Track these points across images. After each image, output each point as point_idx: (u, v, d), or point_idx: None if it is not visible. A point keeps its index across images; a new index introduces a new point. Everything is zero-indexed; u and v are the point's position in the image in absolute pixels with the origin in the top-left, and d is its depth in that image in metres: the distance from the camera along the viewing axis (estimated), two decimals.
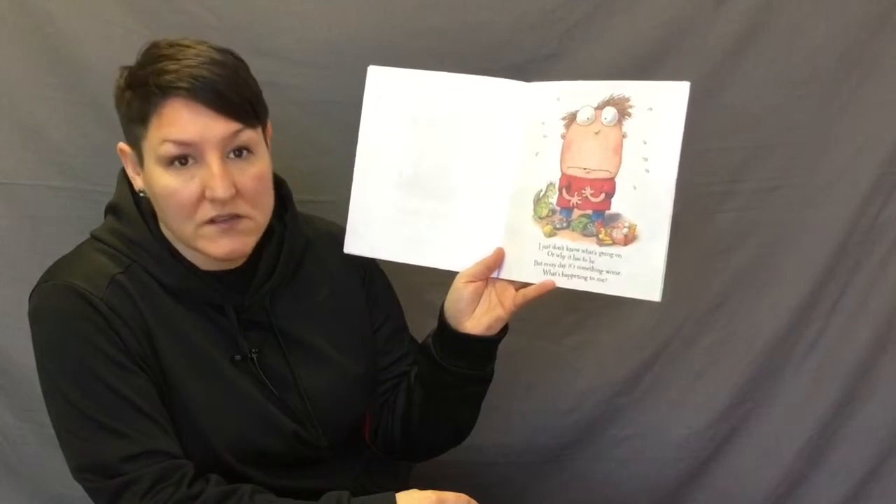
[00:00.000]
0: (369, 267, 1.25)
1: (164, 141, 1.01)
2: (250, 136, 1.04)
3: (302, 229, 1.18)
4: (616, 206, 1.05)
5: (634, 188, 1.04)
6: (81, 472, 1.03)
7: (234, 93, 1.02)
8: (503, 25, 1.42)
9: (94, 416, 1.00)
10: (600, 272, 1.07)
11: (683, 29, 1.45)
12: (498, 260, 1.12)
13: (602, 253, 1.06)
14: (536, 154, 1.10)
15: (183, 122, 1.00)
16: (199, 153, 1.01)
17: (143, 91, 1.02)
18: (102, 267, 1.06)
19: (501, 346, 1.18)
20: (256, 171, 1.05)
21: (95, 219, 1.17)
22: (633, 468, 1.62)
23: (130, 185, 1.11)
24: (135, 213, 1.09)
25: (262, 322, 1.13)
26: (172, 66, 1.00)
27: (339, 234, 1.23)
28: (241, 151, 1.04)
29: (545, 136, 1.09)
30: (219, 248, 1.04)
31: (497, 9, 1.42)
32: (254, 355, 1.10)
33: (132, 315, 1.04)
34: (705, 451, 1.63)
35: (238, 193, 1.03)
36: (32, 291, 1.08)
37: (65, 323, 1.03)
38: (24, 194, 1.41)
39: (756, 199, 1.54)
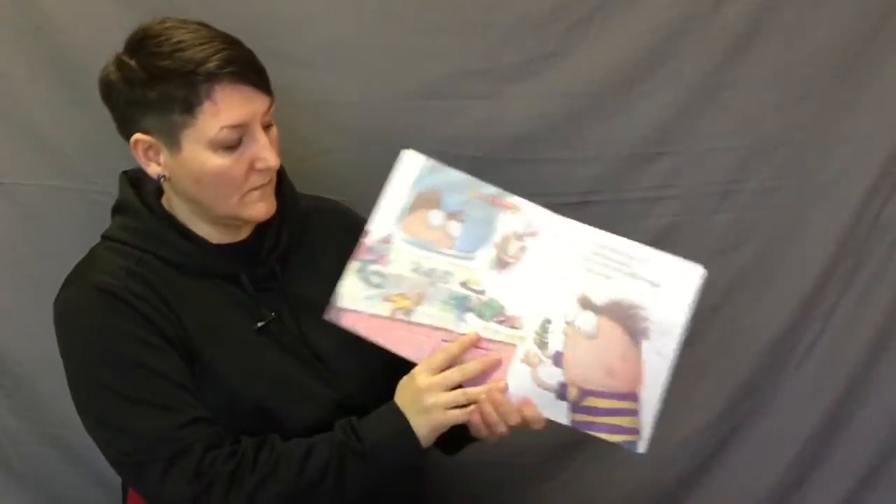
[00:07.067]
0: None
1: (223, 128, 1.04)
2: (273, 106, 1.10)
3: (299, 199, 1.23)
4: None
5: None
6: (131, 456, 1.05)
7: (262, 67, 1.08)
8: (503, 25, 1.42)
9: (142, 397, 1.04)
10: None
11: (683, 29, 1.45)
12: None
13: None
14: None
15: (236, 106, 1.04)
16: (248, 130, 1.07)
17: (181, 80, 1.02)
18: (116, 262, 1.10)
19: None
20: (276, 137, 1.12)
21: (95, 218, 1.17)
22: (633, 468, 1.61)
23: (131, 183, 1.15)
24: (139, 205, 1.13)
25: (274, 289, 1.16)
26: (203, 52, 1.02)
27: (338, 208, 1.28)
28: (269, 122, 1.10)
29: None
30: (260, 210, 1.11)
31: (497, 9, 1.41)
32: (273, 318, 1.14)
33: (156, 298, 1.08)
34: (705, 450, 1.63)
35: None
36: (56, 299, 1.09)
37: (94, 319, 1.06)
38: (24, 194, 1.41)
39: (756, 199, 1.54)
